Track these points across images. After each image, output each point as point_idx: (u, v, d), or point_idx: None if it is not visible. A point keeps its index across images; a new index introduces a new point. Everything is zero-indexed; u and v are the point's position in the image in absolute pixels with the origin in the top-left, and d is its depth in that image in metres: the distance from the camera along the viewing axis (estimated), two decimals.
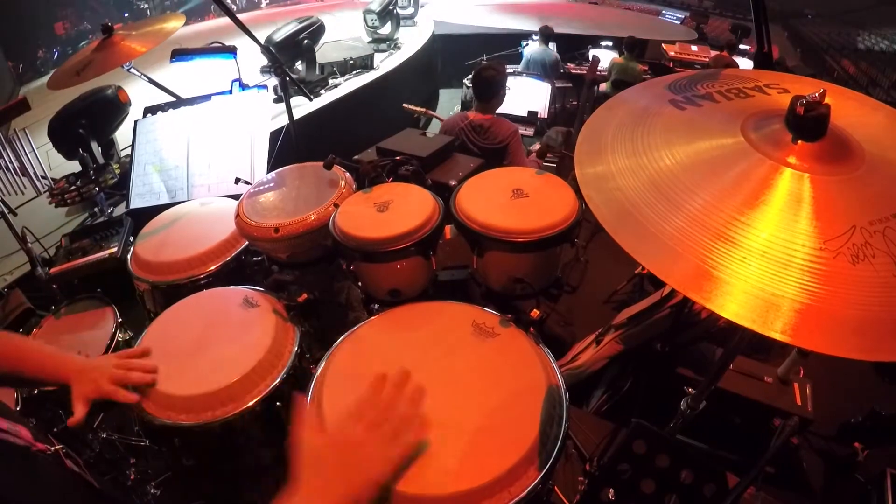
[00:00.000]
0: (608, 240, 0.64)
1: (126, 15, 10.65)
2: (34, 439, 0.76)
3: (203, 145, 2.14)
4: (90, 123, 2.63)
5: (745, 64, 5.97)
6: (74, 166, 2.57)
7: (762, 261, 0.58)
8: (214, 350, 1.15)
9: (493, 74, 2.74)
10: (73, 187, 2.33)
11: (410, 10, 5.92)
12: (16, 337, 1.03)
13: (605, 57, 5.92)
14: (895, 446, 1.40)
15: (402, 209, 1.29)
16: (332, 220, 1.31)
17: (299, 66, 3.95)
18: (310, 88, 3.68)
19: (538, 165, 2.71)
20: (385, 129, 2.31)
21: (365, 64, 4.41)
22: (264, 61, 3.82)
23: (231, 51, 2.60)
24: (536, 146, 3.15)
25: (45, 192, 2.30)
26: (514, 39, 6.33)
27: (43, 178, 2.27)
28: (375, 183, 1.46)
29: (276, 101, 2.60)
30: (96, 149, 2.60)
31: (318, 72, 4.03)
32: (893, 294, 0.56)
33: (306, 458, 0.68)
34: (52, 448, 0.78)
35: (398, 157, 1.65)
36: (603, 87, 5.59)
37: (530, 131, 4.05)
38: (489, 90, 2.75)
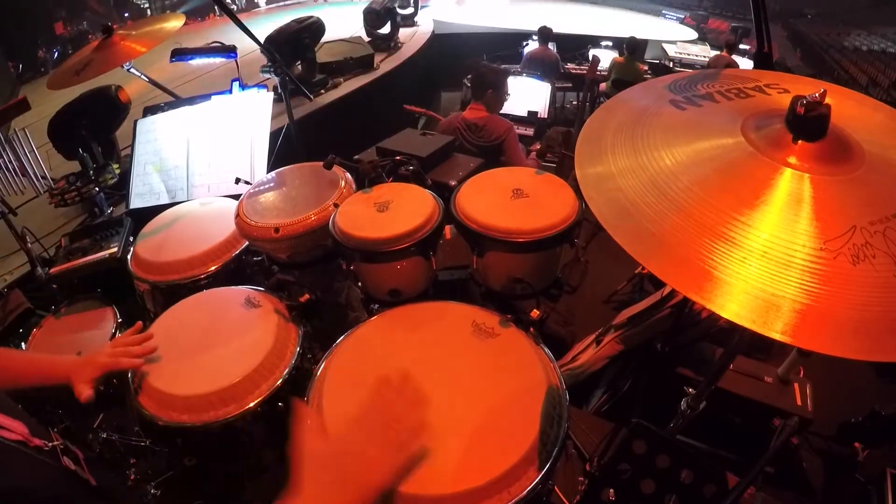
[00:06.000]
0: (608, 240, 0.64)
1: (126, 15, 10.66)
2: (31, 435, 0.76)
3: (203, 145, 2.14)
4: (90, 123, 2.62)
5: (745, 64, 5.98)
6: (74, 166, 2.56)
7: (762, 261, 0.58)
8: (216, 350, 1.15)
9: (486, 70, 2.84)
10: (72, 187, 2.32)
11: (410, 10, 5.92)
12: (6, 351, 1.04)
13: (605, 57, 5.92)
14: (895, 446, 1.40)
15: (402, 209, 1.29)
16: (332, 220, 1.31)
17: (299, 65, 3.95)
18: (310, 88, 3.68)
19: (537, 164, 2.71)
20: (385, 129, 2.31)
21: (365, 64, 4.40)
22: (264, 61, 3.82)
23: (231, 51, 2.59)
24: (536, 146, 3.15)
25: (44, 192, 2.30)
26: (515, 39, 6.34)
27: (43, 178, 2.26)
28: (375, 183, 1.46)
29: (276, 100, 2.60)
30: (96, 149, 2.59)
31: (318, 71, 4.03)
32: (893, 294, 0.56)
33: (307, 465, 0.67)
34: (50, 444, 0.78)
35: (398, 157, 1.65)
36: (603, 87, 5.60)
37: (530, 131, 4.05)
38: (482, 84, 2.82)
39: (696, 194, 0.65)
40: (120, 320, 1.57)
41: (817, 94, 0.65)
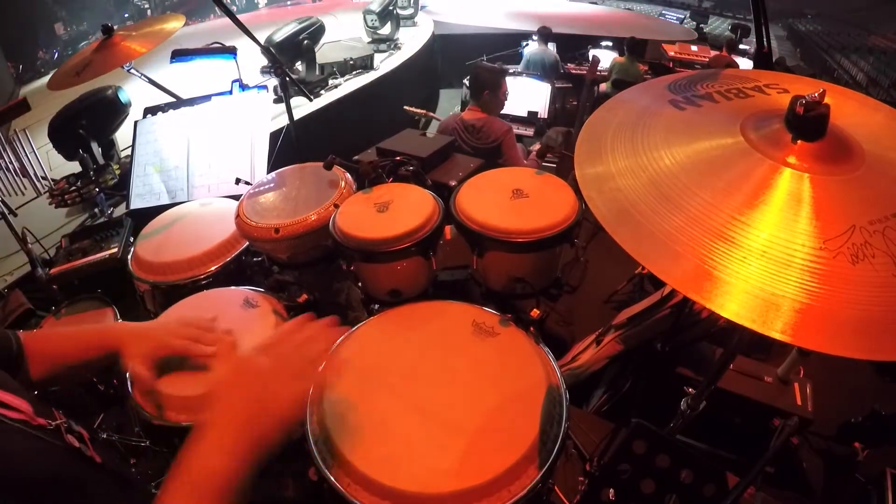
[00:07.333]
0: (608, 240, 0.64)
1: (126, 15, 10.66)
2: (35, 413, 0.75)
3: (203, 146, 2.14)
4: (90, 124, 2.63)
5: (745, 64, 5.98)
6: (74, 167, 2.57)
7: (762, 261, 0.58)
8: None
9: (482, 71, 2.86)
10: (73, 188, 2.33)
11: (410, 11, 5.92)
12: (40, 332, 0.99)
13: (605, 57, 5.92)
14: (895, 446, 1.40)
15: (402, 209, 1.29)
16: (333, 221, 1.31)
17: (299, 66, 3.95)
18: (310, 89, 3.68)
19: (537, 165, 2.72)
20: (385, 129, 2.31)
21: (365, 64, 4.41)
22: (264, 62, 3.83)
23: (231, 51, 2.60)
24: (536, 146, 3.15)
25: (45, 192, 2.30)
26: (514, 39, 6.34)
27: (43, 178, 2.27)
28: (375, 183, 1.46)
29: (276, 101, 2.60)
30: (96, 149, 2.60)
31: (318, 72, 4.03)
32: (893, 294, 0.56)
33: (215, 390, 0.69)
34: (54, 423, 0.78)
35: (398, 158, 1.65)
36: (603, 87, 5.60)
37: (530, 131, 4.05)
38: (478, 85, 2.83)
39: (695, 194, 0.66)
40: (120, 321, 1.57)
41: (817, 94, 0.65)
